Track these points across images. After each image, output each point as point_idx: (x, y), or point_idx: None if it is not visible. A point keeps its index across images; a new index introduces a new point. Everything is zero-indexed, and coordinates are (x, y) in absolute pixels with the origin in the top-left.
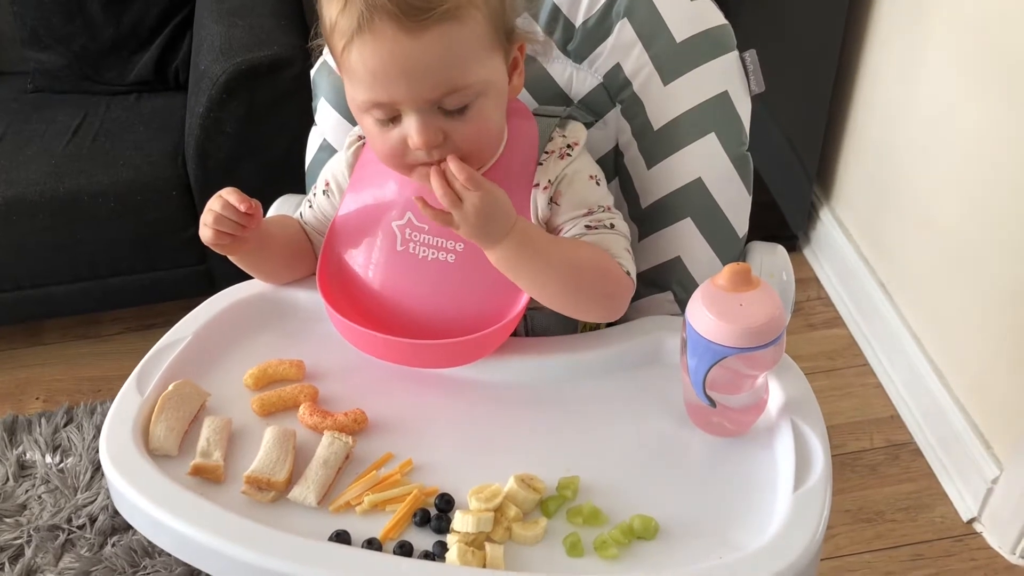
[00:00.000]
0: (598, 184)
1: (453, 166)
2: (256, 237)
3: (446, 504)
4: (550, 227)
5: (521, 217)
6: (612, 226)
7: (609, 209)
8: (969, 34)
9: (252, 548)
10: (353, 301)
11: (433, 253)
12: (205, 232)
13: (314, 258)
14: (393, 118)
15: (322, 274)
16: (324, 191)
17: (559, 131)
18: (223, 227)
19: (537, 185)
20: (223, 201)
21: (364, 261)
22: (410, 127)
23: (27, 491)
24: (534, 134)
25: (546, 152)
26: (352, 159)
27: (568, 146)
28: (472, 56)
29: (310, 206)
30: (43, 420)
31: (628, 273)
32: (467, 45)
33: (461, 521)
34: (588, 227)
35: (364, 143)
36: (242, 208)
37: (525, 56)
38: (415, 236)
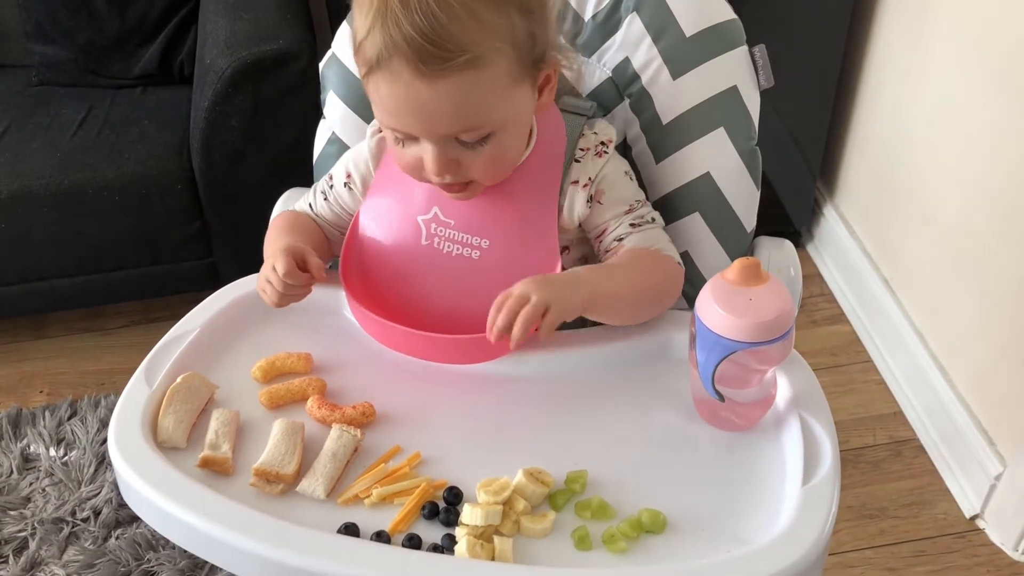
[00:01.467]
0: (631, 180)
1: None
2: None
3: (455, 497)
4: (590, 225)
5: (578, 269)
6: (653, 220)
7: (645, 203)
8: (974, 30)
9: (261, 540)
10: (374, 293)
11: (458, 249)
12: (264, 297)
13: (329, 252)
14: (411, 138)
15: (344, 264)
16: (345, 183)
17: (589, 128)
18: (286, 301)
19: (576, 183)
20: (281, 279)
21: (387, 253)
22: (425, 154)
23: (31, 484)
24: (562, 133)
25: (581, 149)
26: (376, 150)
27: (602, 143)
28: (491, 98)
29: (325, 198)
30: (47, 413)
31: (678, 262)
32: (486, 90)
33: (470, 514)
34: (633, 225)
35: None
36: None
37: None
38: (440, 231)
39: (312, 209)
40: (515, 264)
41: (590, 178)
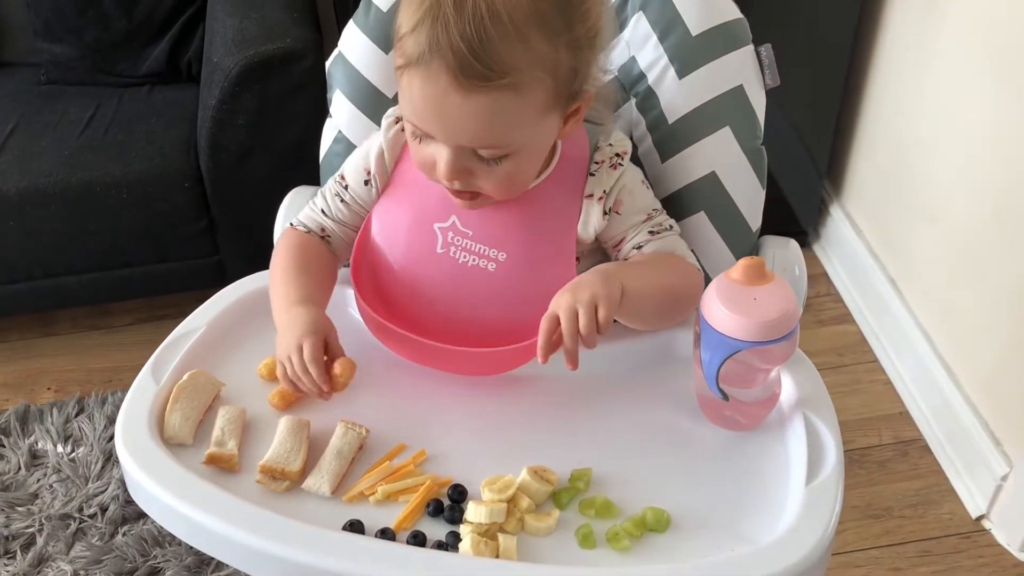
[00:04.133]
0: (648, 188)
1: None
2: None
3: (459, 495)
4: (607, 236)
5: (603, 266)
6: (671, 227)
7: (662, 211)
8: (981, 29)
9: (267, 537)
10: (384, 298)
11: (474, 260)
12: (279, 371)
13: (335, 280)
14: (429, 137)
15: (355, 266)
16: (366, 181)
17: (604, 140)
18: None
19: (591, 196)
20: (301, 369)
21: (401, 259)
22: (440, 156)
23: (39, 480)
24: (585, 149)
25: (596, 162)
26: (392, 143)
27: (617, 155)
28: (519, 122)
29: (342, 200)
30: (54, 410)
31: (698, 268)
32: (517, 113)
33: (474, 512)
34: (652, 232)
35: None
36: (324, 388)
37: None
38: (458, 240)
39: (327, 215)
40: (530, 278)
41: (605, 191)
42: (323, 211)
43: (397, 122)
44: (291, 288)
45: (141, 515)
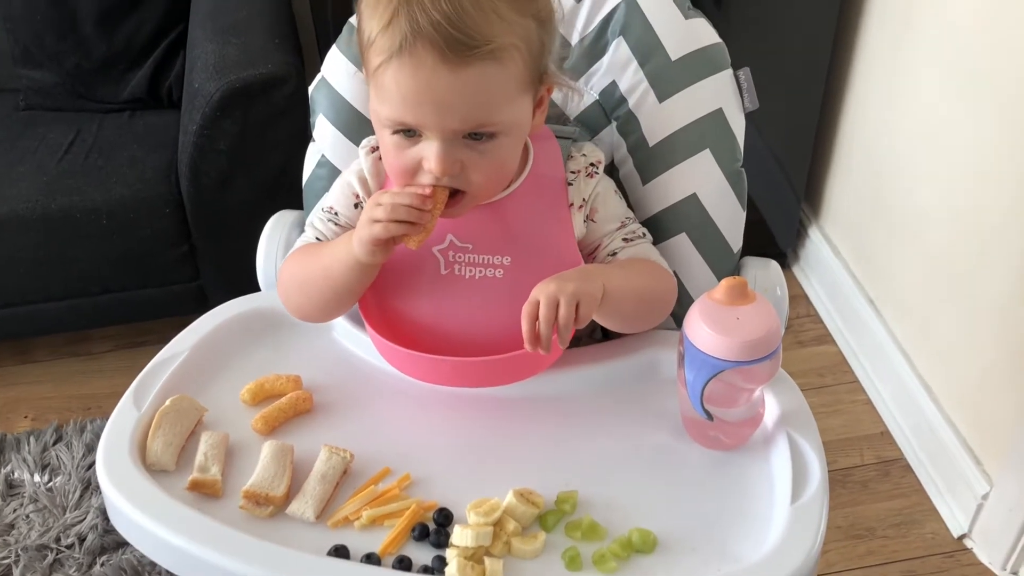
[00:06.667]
0: (620, 197)
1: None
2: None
3: (445, 519)
4: (586, 243)
5: (589, 267)
6: (644, 235)
7: (634, 219)
8: (957, 51)
9: (251, 563)
10: (396, 327)
11: (480, 271)
12: (376, 228)
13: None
14: (413, 137)
15: (363, 303)
16: (356, 204)
17: (576, 151)
18: (400, 216)
19: (571, 205)
20: (393, 195)
21: (406, 289)
22: (429, 152)
23: (15, 510)
24: (558, 155)
25: (572, 172)
26: (373, 169)
27: (591, 164)
28: (505, 97)
29: (337, 223)
30: (32, 438)
31: (671, 273)
32: (502, 86)
33: (460, 535)
34: (625, 240)
35: (379, 155)
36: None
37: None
38: (459, 257)
39: (322, 241)
40: (541, 276)
41: (584, 199)
42: (317, 239)
43: (374, 151)
44: (332, 244)
45: (120, 545)
